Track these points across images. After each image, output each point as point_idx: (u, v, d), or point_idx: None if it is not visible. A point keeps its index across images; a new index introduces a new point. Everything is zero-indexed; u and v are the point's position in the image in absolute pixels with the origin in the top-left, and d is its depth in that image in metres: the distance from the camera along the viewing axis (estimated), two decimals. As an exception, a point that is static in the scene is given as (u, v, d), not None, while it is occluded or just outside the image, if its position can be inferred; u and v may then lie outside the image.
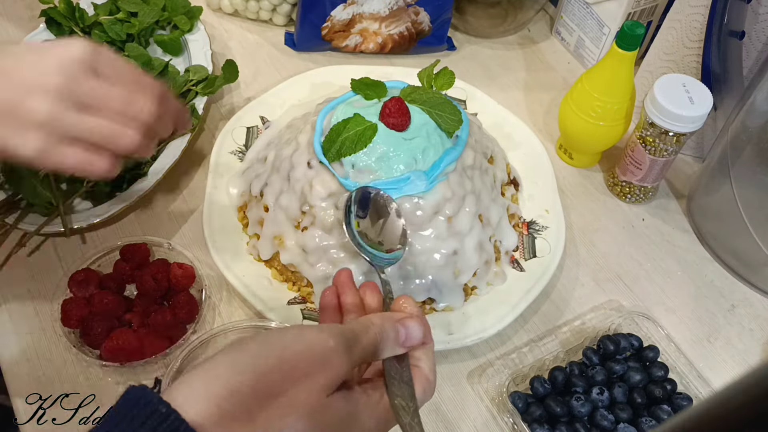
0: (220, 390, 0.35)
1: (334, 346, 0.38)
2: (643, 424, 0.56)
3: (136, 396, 0.34)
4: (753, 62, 0.71)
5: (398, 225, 0.57)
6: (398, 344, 0.42)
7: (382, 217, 0.57)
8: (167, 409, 0.33)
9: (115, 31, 0.78)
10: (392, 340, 0.42)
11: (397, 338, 0.42)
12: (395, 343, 0.42)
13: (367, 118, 0.59)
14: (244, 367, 0.37)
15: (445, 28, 0.85)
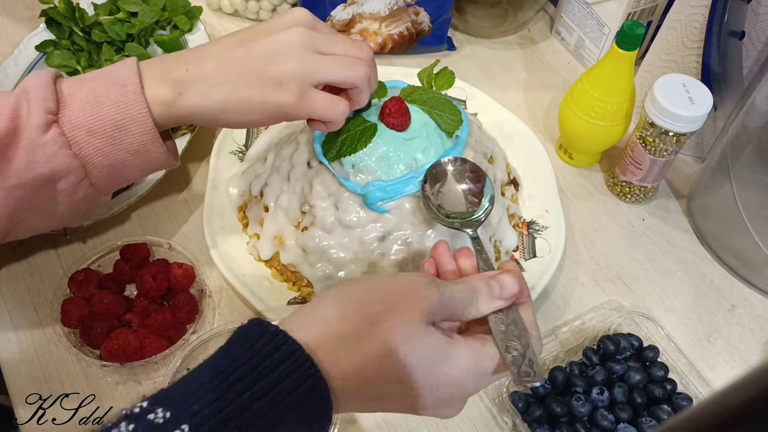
0: (327, 315, 0.41)
1: (426, 281, 0.43)
2: (643, 424, 0.56)
3: (253, 323, 0.39)
4: (753, 62, 0.71)
5: (457, 188, 0.59)
6: (493, 297, 0.44)
7: (442, 183, 0.59)
8: (276, 329, 0.38)
9: (115, 31, 0.78)
10: (485, 294, 0.44)
11: (490, 291, 0.44)
12: (489, 297, 0.44)
13: (367, 118, 0.59)
14: (349, 297, 0.42)
15: (445, 28, 0.85)
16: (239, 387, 0.35)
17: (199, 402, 0.35)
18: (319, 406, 0.38)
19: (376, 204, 0.58)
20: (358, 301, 0.42)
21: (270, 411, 0.35)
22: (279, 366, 0.37)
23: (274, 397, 0.36)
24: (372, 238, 0.60)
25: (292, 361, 0.37)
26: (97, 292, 0.60)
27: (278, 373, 0.36)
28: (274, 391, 0.36)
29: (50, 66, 0.77)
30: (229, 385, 0.36)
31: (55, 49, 0.78)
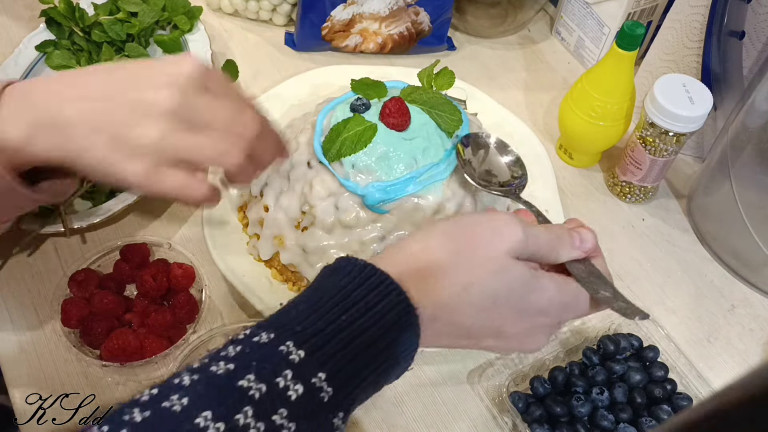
0: (414, 249, 0.42)
1: (511, 218, 0.44)
2: (643, 424, 0.56)
3: (340, 260, 0.41)
4: (753, 62, 0.71)
5: (500, 158, 0.61)
6: (573, 246, 0.46)
7: (486, 152, 0.60)
8: (363, 262, 0.40)
9: (115, 31, 0.78)
10: (568, 243, 0.46)
11: (572, 241, 0.46)
12: (571, 246, 0.46)
13: (367, 118, 0.59)
14: (434, 231, 0.43)
15: (445, 28, 0.85)
16: (335, 312, 0.38)
17: (300, 324, 0.37)
18: (408, 333, 0.39)
19: (375, 205, 0.59)
20: (444, 234, 0.43)
21: (364, 333, 0.37)
22: (369, 294, 0.38)
23: (366, 320, 0.38)
24: (372, 238, 0.60)
25: (381, 290, 0.39)
26: (97, 292, 0.60)
27: (369, 300, 0.38)
28: (366, 315, 0.38)
29: (50, 66, 0.77)
30: (325, 311, 0.38)
31: (55, 49, 0.78)
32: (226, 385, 0.34)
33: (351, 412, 0.38)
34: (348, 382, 0.37)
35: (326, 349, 0.36)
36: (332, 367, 0.36)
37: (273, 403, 0.34)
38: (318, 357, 0.36)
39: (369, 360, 0.38)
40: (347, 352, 0.37)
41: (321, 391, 0.36)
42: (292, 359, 0.36)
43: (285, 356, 0.36)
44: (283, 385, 0.35)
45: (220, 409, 0.33)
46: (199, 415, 0.33)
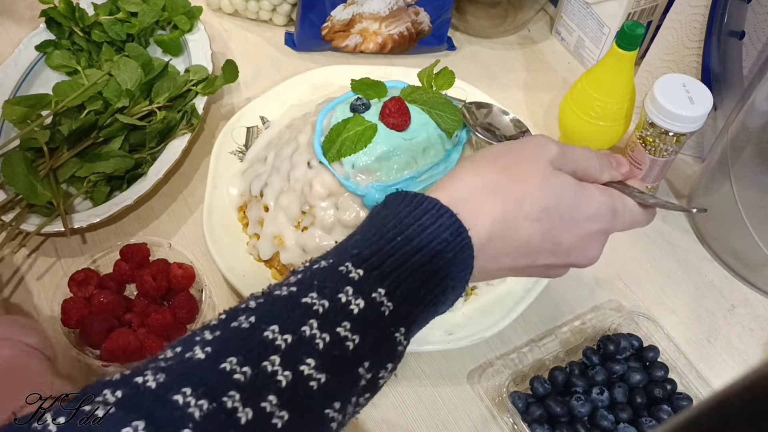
0: (461, 175, 0.44)
1: (546, 138, 0.46)
2: (643, 424, 0.56)
3: (389, 195, 0.43)
4: (753, 62, 0.71)
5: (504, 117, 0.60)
6: (611, 166, 0.48)
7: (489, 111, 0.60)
8: (413, 193, 0.42)
9: (115, 31, 0.78)
10: (604, 160, 0.48)
11: (608, 161, 0.48)
12: (608, 164, 0.48)
13: (367, 118, 0.59)
14: (478, 156, 0.45)
15: (445, 28, 0.85)
16: (390, 235, 0.39)
17: (358, 248, 0.39)
18: (463, 253, 0.40)
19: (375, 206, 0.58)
20: (487, 156, 0.45)
21: (419, 252, 0.39)
22: (423, 217, 0.40)
23: (421, 240, 0.39)
24: (372, 238, 0.60)
25: (434, 213, 0.40)
26: (97, 292, 0.60)
27: (423, 222, 0.40)
28: (421, 236, 0.39)
29: (50, 66, 0.77)
30: (380, 235, 0.40)
31: (55, 49, 0.78)
32: (290, 302, 0.36)
33: (412, 331, 0.40)
34: (407, 298, 0.38)
35: (384, 267, 0.38)
36: (391, 283, 0.38)
37: (336, 316, 0.36)
38: (377, 275, 0.38)
39: (426, 278, 0.39)
40: (404, 269, 0.38)
41: (381, 305, 0.37)
42: (352, 277, 0.37)
43: (345, 275, 0.38)
44: (345, 300, 0.37)
45: (286, 323, 0.35)
46: (267, 329, 0.35)
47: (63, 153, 0.68)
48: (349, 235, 0.42)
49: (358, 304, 0.37)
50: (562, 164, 0.45)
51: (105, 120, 0.70)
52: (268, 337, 0.35)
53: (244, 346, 0.34)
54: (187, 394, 0.31)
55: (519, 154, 0.45)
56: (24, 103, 0.72)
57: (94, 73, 0.75)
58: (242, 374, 0.33)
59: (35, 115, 0.72)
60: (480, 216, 0.42)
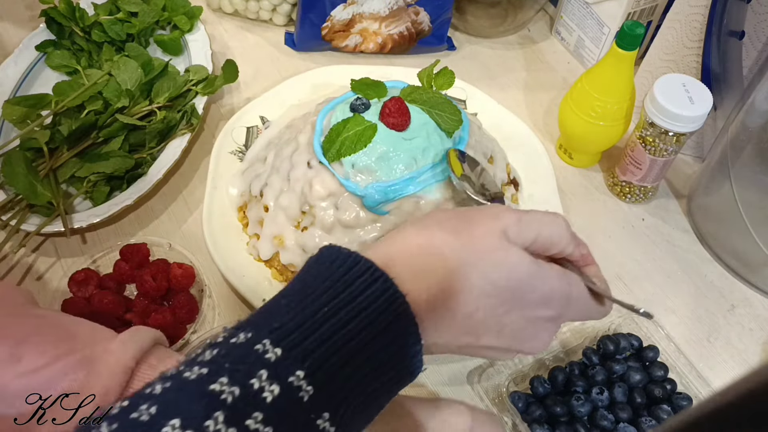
0: (404, 234, 0.41)
1: (505, 207, 0.43)
2: (643, 424, 0.56)
3: (324, 249, 0.39)
4: (753, 62, 0.71)
5: (490, 171, 0.60)
6: (574, 245, 0.45)
7: (480, 168, 0.59)
8: (348, 251, 0.38)
9: (115, 31, 0.78)
10: (567, 239, 0.44)
11: (571, 240, 0.44)
12: (570, 244, 0.44)
13: (366, 118, 0.59)
14: (425, 217, 0.42)
15: (445, 28, 0.85)
16: (316, 304, 0.35)
17: (278, 320, 0.35)
18: (401, 321, 0.37)
19: (375, 207, 0.58)
20: (435, 217, 0.42)
21: (348, 324, 0.35)
22: (354, 282, 0.36)
23: (351, 310, 0.35)
24: (372, 238, 0.60)
25: (367, 277, 0.36)
26: (97, 292, 0.60)
27: (354, 288, 0.36)
28: (351, 304, 0.36)
29: (50, 66, 0.77)
30: (306, 304, 0.36)
31: (55, 49, 0.78)
32: (196, 391, 0.32)
33: (342, 414, 0.35)
34: (332, 379, 0.34)
35: (305, 345, 0.34)
36: (312, 364, 0.34)
37: (246, 406, 0.32)
38: (296, 354, 0.34)
39: (355, 354, 0.35)
40: (329, 346, 0.34)
41: (299, 390, 0.33)
42: (268, 358, 0.33)
43: (260, 355, 0.33)
44: (258, 386, 0.33)
45: (189, 416, 0.31)
46: (167, 424, 0.31)
47: (63, 153, 0.69)
48: (277, 296, 0.38)
49: (273, 390, 0.33)
50: (518, 235, 0.42)
51: (105, 120, 0.70)
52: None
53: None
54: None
55: (471, 220, 0.41)
56: (24, 103, 0.72)
57: (94, 73, 0.75)
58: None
59: (35, 115, 0.72)
60: (418, 278, 0.38)
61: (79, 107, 0.72)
